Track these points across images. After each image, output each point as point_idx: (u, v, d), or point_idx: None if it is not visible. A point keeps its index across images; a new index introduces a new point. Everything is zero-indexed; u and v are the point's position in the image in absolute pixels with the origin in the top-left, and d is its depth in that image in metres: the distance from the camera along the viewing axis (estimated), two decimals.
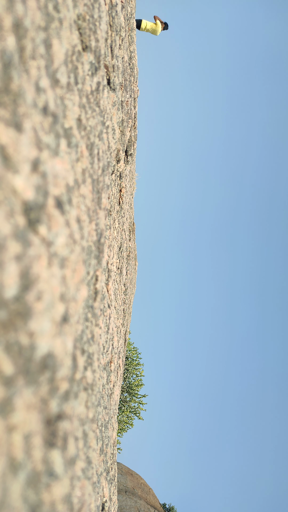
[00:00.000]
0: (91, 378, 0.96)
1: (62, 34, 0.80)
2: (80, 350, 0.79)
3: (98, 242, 1.18)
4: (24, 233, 0.50)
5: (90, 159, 1.07)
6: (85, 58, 1.04)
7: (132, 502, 10.78)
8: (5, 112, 0.50)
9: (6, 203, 0.47)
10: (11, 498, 0.44)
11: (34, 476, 0.49)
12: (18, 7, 0.55)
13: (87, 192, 0.97)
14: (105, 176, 1.40)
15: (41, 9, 0.67)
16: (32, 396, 0.50)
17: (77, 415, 0.71)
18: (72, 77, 0.89)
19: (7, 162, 0.49)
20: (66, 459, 0.61)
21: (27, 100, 0.57)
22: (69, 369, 0.64)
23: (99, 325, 1.42)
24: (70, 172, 0.78)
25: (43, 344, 0.53)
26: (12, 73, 0.52)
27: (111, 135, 1.70)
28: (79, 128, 0.94)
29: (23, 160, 0.52)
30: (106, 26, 1.43)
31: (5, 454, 0.43)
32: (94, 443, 0.97)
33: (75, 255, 0.73)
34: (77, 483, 0.72)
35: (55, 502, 0.55)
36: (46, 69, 0.69)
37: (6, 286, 0.45)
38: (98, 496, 1.56)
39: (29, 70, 0.59)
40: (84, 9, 1.00)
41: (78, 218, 0.82)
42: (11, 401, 0.45)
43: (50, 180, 0.61)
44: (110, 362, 2.30)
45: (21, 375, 0.47)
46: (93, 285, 1.16)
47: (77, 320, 0.74)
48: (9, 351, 0.45)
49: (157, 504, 12.70)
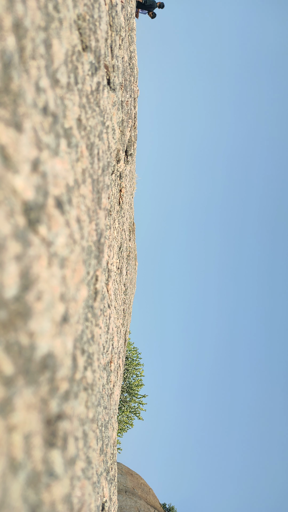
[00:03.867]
0: (91, 378, 0.96)
1: (62, 34, 0.80)
2: (80, 350, 0.79)
3: (98, 242, 1.18)
4: (24, 233, 0.50)
5: (90, 159, 1.07)
6: (85, 58, 1.04)
7: (132, 502, 10.78)
8: (5, 112, 0.50)
9: (6, 203, 0.47)
10: (11, 498, 0.44)
11: (34, 476, 0.49)
12: (18, 7, 0.55)
13: (87, 192, 0.97)
14: (105, 176, 1.40)
15: (41, 9, 0.67)
16: (32, 396, 0.50)
17: (77, 415, 0.71)
18: (72, 77, 0.89)
19: (7, 162, 0.49)
20: (66, 459, 0.61)
21: (27, 100, 0.57)
22: (69, 369, 0.64)
23: (99, 325, 1.42)
24: (70, 172, 0.78)
25: (43, 344, 0.53)
26: (12, 73, 0.52)
27: (111, 135, 1.70)
28: (79, 128, 0.95)
29: (23, 160, 0.52)
30: (106, 26, 1.43)
31: (5, 454, 0.43)
32: (94, 443, 0.97)
33: (75, 255, 0.73)
34: (77, 483, 0.72)
35: (55, 502, 0.55)
36: (46, 69, 0.69)
37: (6, 286, 0.45)
38: (98, 496, 1.56)
39: (29, 70, 0.59)
40: (84, 9, 1.00)
41: (78, 218, 0.82)
42: (11, 401, 0.45)
43: (50, 180, 0.61)
44: (110, 362, 2.30)
45: (21, 375, 0.47)
46: (93, 285, 1.16)
47: (77, 320, 0.74)
48: (9, 351, 0.45)
49: (157, 504, 12.70)
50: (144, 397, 12.80)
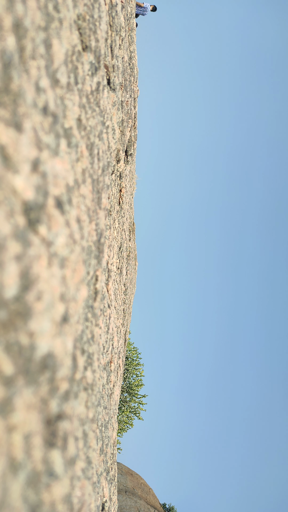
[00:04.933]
0: (91, 378, 0.96)
1: (62, 34, 0.80)
2: (80, 350, 0.79)
3: (98, 242, 1.18)
4: (24, 233, 0.50)
5: (90, 159, 1.07)
6: (85, 58, 1.04)
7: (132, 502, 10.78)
8: (5, 112, 0.50)
9: (6, 203, 0.47)
10: (11, 498, 0.44)
11: (34, 476, 0.49)
12: (18, 7, 0.55)
13: (87, 192, 0.97)
14: (105, 176, 1.40)
15: (41, 9, 0.67)
16: (32, 396, 0.50)
17: (77, 415, 0.71)
18: (72, 77, 0.89)
19: (7, 162, 0.49)
20: (66, 459, 0.61)
21: (27, 100, 0.57)
22: (69, 369, 0.64)
23: (99, 325, 1.42)
24: (70, 172, 0.78)
25: (43, 344, 0.53)
26: (12, 73, 0.52)
27: (111, 135, 1.70)
28: (79, 128, 0.95)
29: (23, 160, 0.52)
30: (106, 26, 1.43)
31: (5, 454, 0.43)
32: (94, 443, 0.97)
33: (75, 255, 0.73)
34: (77, 483, 0.72)
35: (55, 502, 0.55)
36: (46, 69, 0.69)
37: (6, 286, 0.45)
38: (98, 496, 1.56)
39: (29, 70, 0.59)
40: (84, 9, 1.00)
41: (78, 218, 0.82)
42: (11, 401, 0.45)
43: (50, 180, 0.61)
44: (110, 362, 2.30)
45: (21, 375, 0.47)
46: (93, 285, 1.16)
47: (77, 320, 0.74)
48: (9, 351, 0.45)
49: (157, 504, 12.70)
50: (144, 397, 12.80)
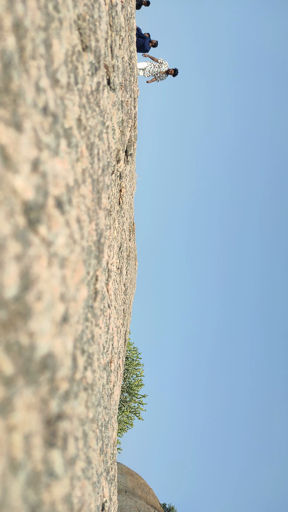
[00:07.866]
0: (91, 378, 0.96)
1: (62, 34, 0.80)
2: (80, 350, 0.79)
3: (98, 242, 1.18)
4: (24, 233, 0.50)
5: (90, 159, 1.07)
6: (85, 58, 1.04)
7: (132, 502, 10.78)
8: (5, 112, 0.50)
9: (6, 203, 0.47)
10: (11, 498, 0.44)
11: (34, 476, 0.49)
12: (18, 7, 0.55)
13: (87, 192, 0.97)
14: (105, 176, 1.40)
15: (41, 9, 0.67)
16: (32, 396, 0.50)
17: (77, 415, 0.71)
18: (72, 77, 0.89)
19: (7, 162, 0.49)
20: (66, 459, 0.61)
21: (27, 100, 0.57)
22: (69, 369, 0.64)
23: (99, 325, 1.42)
24: (70, 172, 0.78)
25: (43, 344, 0.53)
26: (12, 73, 0.52)
27: (111, 135, 1.70)
28: (79, 128, 0.95)
29: (23, 160, 0.52)
30: (106, 26, 1.43)
31: (5, 454, 0.43)
32: (94, 443, 0.97)
33: (75, 255, 0.73)
34: (77, 483, 0.72)
35: (55, 502, 0.55)
36: (46, 69, 0.69)
37: (6, 286, 0.45)
38: (98, 496, 1.56)
39: (29, 70, 0.59)
40: (84, 9, 1.00)
41: (78, 218, 0.82)
42: (11, 401, 0.45)
43: (50, 180, 0.61)
44: (110, 362, 2.30)
45: (21, 375, 0.47)
46: (93, 285, 1.16)
47: (77, 320, 0.74)
48: (9, 351, 0.45)
49: (157, 504, 12.70)
50: (144, 397, 12.81)
